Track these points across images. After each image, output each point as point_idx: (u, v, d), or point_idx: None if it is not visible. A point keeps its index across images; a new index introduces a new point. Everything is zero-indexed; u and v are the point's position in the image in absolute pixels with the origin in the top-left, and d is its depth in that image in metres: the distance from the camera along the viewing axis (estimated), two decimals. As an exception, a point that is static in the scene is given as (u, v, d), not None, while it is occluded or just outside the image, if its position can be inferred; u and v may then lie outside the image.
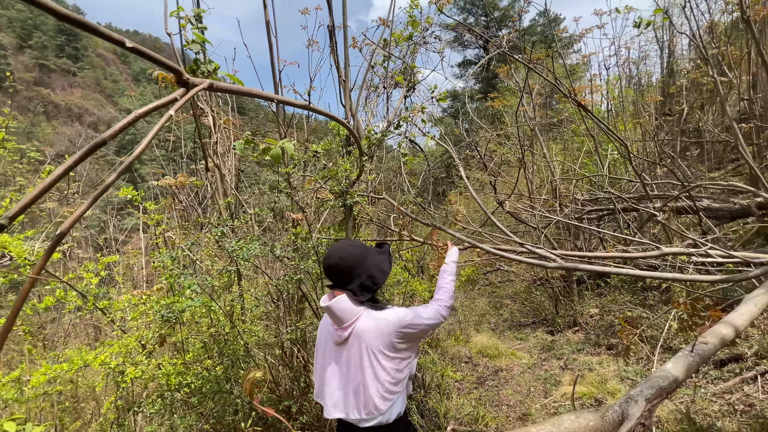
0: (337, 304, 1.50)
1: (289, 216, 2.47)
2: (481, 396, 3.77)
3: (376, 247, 1.70)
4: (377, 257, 1.60)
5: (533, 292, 6.92)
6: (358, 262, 1.55)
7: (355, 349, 1.49)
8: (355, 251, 1.57)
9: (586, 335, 5.38)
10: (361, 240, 2.67)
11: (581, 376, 4.02)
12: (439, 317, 1.60)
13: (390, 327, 1.47)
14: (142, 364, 2.30)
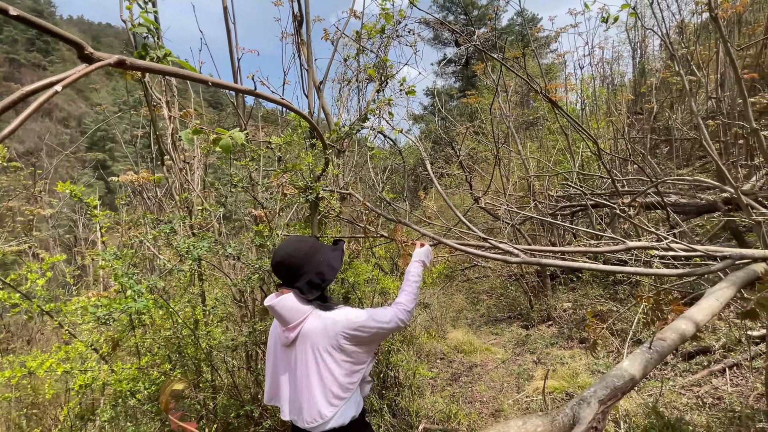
0: (281, 303, 1.41)
1: (250, 212, 2.36)
2: (454, 393, 3.75)
3: (332, 243, 1.62)
4: (328, 254, 1.52)
5: (509, 288, 6.98)
6: (307, 259, 1.47)
7: (302, 351, 1.41)
8: (303, 247, 1.49)
9: (560, 329, 5.45)
10: (320, 237, 2.58)
11: (553, 370, 4.05)
12: (396, 322, 1.52)
13: (337, 327, 1.40)
14: (92, 369, 2.16)
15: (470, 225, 1.94)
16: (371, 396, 3.15)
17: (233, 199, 2.36)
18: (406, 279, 1.70)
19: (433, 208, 2.32)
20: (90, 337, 2.33)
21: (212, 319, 2.45)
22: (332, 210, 2.34)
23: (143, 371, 2.25)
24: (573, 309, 5.83)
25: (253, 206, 2.31)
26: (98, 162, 43.14)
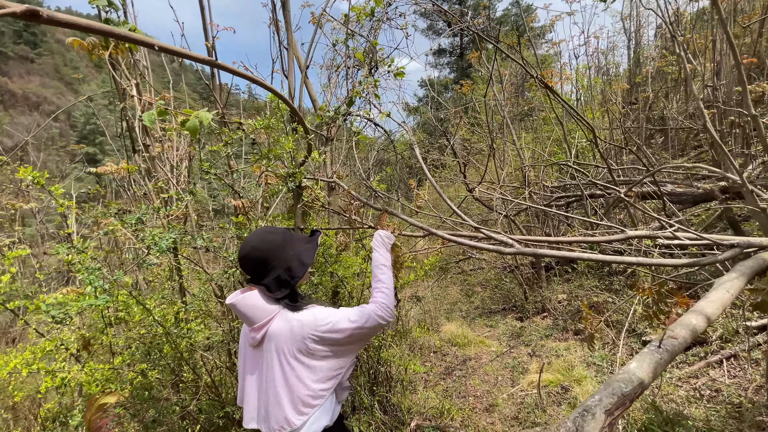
0: (244, 302, 1.28)
1: (229, 202, 2.23)
2: (448, 387, 3.66)
3: (307, 235, 1.49)
4: (300, 247, 1.39)
5: (503, 279, 6.91)
6: (275, 252, 1.33)
7: (268, 354, 1.29)
8: (273, 239, 1.35)
9: (554, 321, 5.38)
10: (304, 228, 2.44)
11: (548, 363, 3.97)
12: (375, 320, 1.38)
13: (304, 329, 1.27)
14: (61, 370, 2.03)
15: (463, 215, 1.82)
16: (360, 392, 3.05)
17: (223, 190, 2.21)
18: (376, 271, 1.57)
19: (425, 198, 2.20)
20: (59, 335, 2.20)
21: (192, 315, 2.32)
22: (317, 200, 2.21)
23: (117, 371, 2.12)
24: (568, 300, 5.76)
25: (231, 196, 2.17)
26: (87, 155, 42.37)
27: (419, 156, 2.02)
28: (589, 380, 3.43)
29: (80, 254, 1.58)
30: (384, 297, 1.46)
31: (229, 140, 1.92)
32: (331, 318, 1.29)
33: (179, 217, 2.36)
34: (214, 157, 2.37)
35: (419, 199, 2.26)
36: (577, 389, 3.28)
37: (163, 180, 2.09)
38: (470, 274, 7.93)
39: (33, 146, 13.38)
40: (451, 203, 1.91)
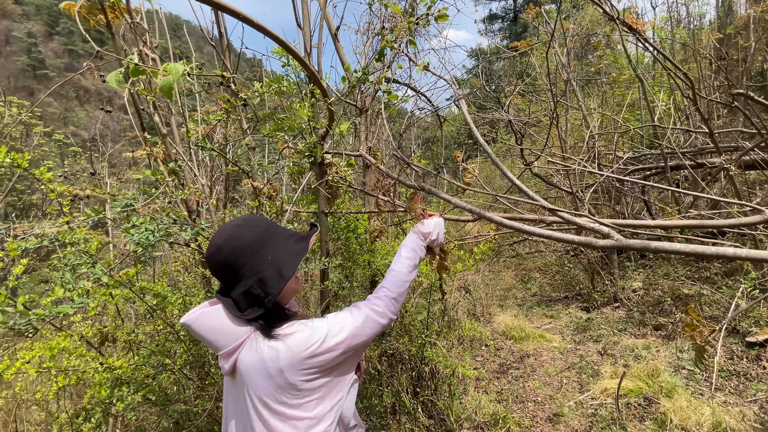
0: (200, 321, 0.93)
1: (248, 184, 1.92)
2: (503, 389, 3.22)
3: (303, 230, 1.10)
4: (283, 249, 1.00)
5: (566, 264, 6.21)
6: (244, 256, 0.96)
7: (241, 393, 0.95)
8: (243, 236, 0.97)
9: (628, 313, 4.68)
10: (329, 212, 2.08)
11: (625, 365, 3.38)
12: (374, 321, 1.04)
13: (281, 362, 0.90)
14: (73, 370, 1.89)
15: (529, 191, 1.35)
16: (402, 393, 2.71)
17: (228, 168, 1.92)
18: (396, 257, 1.22)
19: (475, 172, 1.74)
20: (79, 329, 2.07)
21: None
22: (342, 178, 1.84)
23: (132, 370, 1.95)
24: (645, 289, 4.99)
25: (246, 176, 1.86)
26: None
27: (467, 115, 1.56)
28: (680, 392, 2.82)
29: (65, 246, 1.35)
30: (388, 290, 1.12)
31: (230, 107, 1.58)
32: (314, 337, 0.93)
33: (198, 202, 2.11)
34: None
35: (467, 175, 1.80)
36: (665, 403, 2.70)
37: (176, 159, 1.82)
38: (526, 257, 7.26)
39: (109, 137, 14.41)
40: (512, 176, 1.44)
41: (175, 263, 3.19)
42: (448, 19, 1.89)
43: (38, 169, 1.43)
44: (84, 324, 2.14)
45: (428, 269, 2.46)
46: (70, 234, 1.47)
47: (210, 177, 2.30)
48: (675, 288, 4.49)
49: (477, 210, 1.26)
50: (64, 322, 2.10)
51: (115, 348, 2.17)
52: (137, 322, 2.64)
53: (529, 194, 1.34)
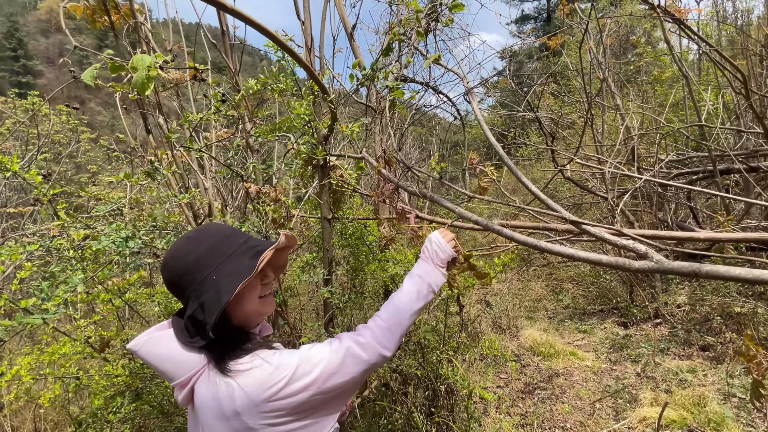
0: (148, 348, 0.80)
1: (247, 188, 1.83)
2: (527, 412, 2.97)
3: (266, 242, 0.93)
4: (231, 266, 0.83)
5: (601, 275, 5.79)
6: (189, 273, 0.82)
7: (197, 428, 0.81)
8: (192, 251, 0.83)
9: (672, 330, 4.28)
10: (332, 217, 1.94)
11: (667, 391, 3.04)
12: (359, 358, 0.87)
13: (237, 403, 0.75)
14: (73, 377, 1.85)
15: (549, 200, 1.15)
16: (415, 412, 2.53)
17: (220, 171, 1.84)
18: (403, 285, 1.05)
19: (493, 176, 1.55)
20: (82, 333, 2.04)
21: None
22: (345, 182, 1.70)
23: (131, 378, 1.88)
24: (691, 305, 4.55)
25: (240, 179, 1.76)
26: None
27: (477, 112, 1.38)
28: (730, 425, 2.48)
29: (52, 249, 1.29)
30: (381, 319, 0.95)
31: (218, 104, 1.49)
32: (277, 375, 0.77)
33: (208, 206, 2.04)
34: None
35: (483, 179, 1.61)
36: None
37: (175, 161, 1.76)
38: (558, 266, 6.87)
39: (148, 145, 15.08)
40: (528, 181, 1.25)
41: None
42: (463, 8, 1.72)
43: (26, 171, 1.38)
44: (89, 329, 2.11)
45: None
46: (57, 240, 1.42)
47: (215, 180, 2.23)
48: (725, 305, 4.06)
49: (485, 222, 1.08)
50: (68, 326, 2.07)
51: (116, 353, 2.13)
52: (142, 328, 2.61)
53: (548, 203, 1.14)
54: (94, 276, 1.43)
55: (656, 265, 0.72)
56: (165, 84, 1.81)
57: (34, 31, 70.63)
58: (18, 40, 59.25)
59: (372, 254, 2.23)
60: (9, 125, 7.75)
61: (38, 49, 68.25)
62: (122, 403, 1.71)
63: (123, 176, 1.52)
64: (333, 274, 1.87)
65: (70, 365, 1.82)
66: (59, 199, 1.69)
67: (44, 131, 7.54)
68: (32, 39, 67.28)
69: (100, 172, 10.08)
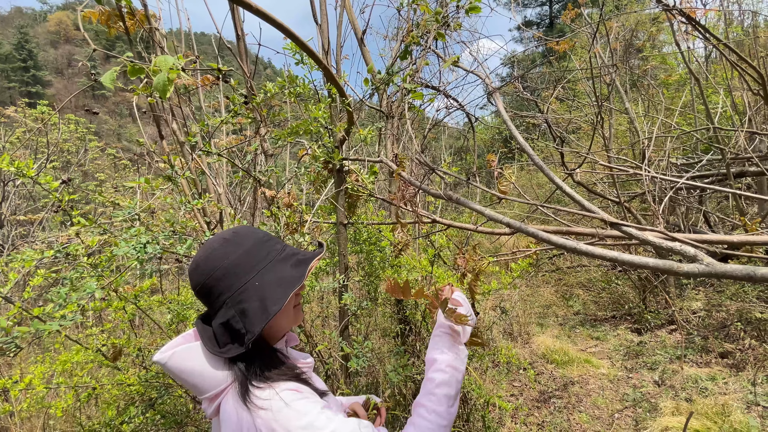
0: (175, 362, 0.75)
1: (263, 192, 1.80)
2: (544, 422, 2.90)
3: (304, 251, 0.88)
4: (274, 273, 0.79)
5: (613, 280, 5.71)
6: (227, 278, 0.77)
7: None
8: (231, 253, 0.79)
9: (688, 337, 4.18)
10: (347, 223, 1.91)
11: (688, 399, 2.96)
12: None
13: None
14: (86, 386, 1.82)
15: (581, 198, 1.11)
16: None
17: (236, 176, 1.82)
18: (424, 385, 0.92)
19: (512, 179, 1.52)
20: (95, 342, 2.01)
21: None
22: (362, 186, 1.67)
23: (144, 387, 1.85)
24: (707, 310, 4.46)
25: (258, 184, 1.74)
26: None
27: (502, 110, 1.35)
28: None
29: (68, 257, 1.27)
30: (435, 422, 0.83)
31: (239, 108, 1.47)
32: (287, 422, 0.69)
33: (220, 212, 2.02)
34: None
35: (502, 182, 1.58)
36: (742, 449, 2.29)
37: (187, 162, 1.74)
38: (567, 272, 6.79)
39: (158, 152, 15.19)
40: (559, 180, 1.21)
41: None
42: (480, 11, 1.70)
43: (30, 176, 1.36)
44: (100, 337, 2.08)
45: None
46: (73, 245, 1.40)
47: (227, 186, 2.22)
48: (744, 310, 3.97)
49: (516, 223, 1.05)
50: (79, 335, 2.04)
51: (127, 361, 2.10)
52: (162, 336, 2.58)
53: (583, 204, 1.10)
54: (111, 283, 1.41)
55: (707, 269, 0.68)
56: (179, 90, 1.80)
57: (44, 42, 72.00)
58: (28, 51, 60.35)
59: (386, 260, 2.19)
60: (19, 134, 7.83)
61: (47, 59, 69.51)
62: (135, 414, 1.68)
63: (144, 181, 1.50)
64: (349, 280, 1.84)
65: (82, 374, 1.79)
66: (74, 206, 1.68)
67: (53, 140, 7.62)
68: (42, 50, 68.54)
69: (108, 180, 10.14)
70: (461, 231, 5.74)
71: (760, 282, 0.72)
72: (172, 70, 0.99)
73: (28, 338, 1.18)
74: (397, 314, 2.62)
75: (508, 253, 1.81)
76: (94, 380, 1.82)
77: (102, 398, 1.80)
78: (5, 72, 57.17)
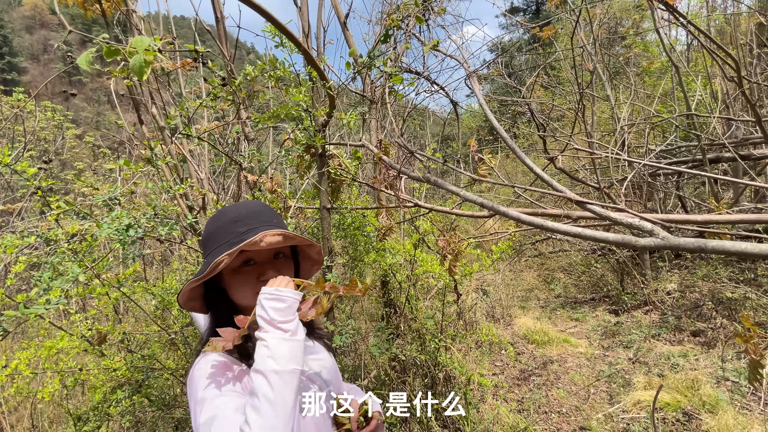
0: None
1: (245, 177, 1.81)
2: (524, 398, 3.01)
3: (309, 229, 0.93)
4: (212, 257, 0.82)
5: (592, 264, 5.88)
6: (202, 244, 0.90)
7: None
8: (209, 227, 0.90)
9: (662, 317, 4.36)
10: (331, 207, 1.93)
11: (660, 375, 3.11)
12: None
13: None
14: (71, 371, 1.83)
15: (553, 181, 1.16)
16: (413, 398, 2.55)
17: (219, 159, 1.82)
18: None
19: (492, 164, 1.56)
20: (78, 328, 2.01)
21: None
22: (343, 170, 1.69)
23: (129, 372, 1.87)
24: (681, 291, 4.65)
25: (239, 168, 1.74)
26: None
27: (479, 95, 1.38)
28: (725, 407, 2.55)
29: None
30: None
31: (216, 90, 1.46)
32: (193, 393, 0.74)
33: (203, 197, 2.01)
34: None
35: (482, 167, 1.62)
36: (708, 420, 2.43)
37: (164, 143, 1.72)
38: (549, 256, 6.95)
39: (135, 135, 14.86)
40: (533, 163, 1.26)
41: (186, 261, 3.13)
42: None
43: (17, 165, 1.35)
44: (84, 324, 2.08)
45: (441, 270, 2.29)
46: (53, 231, 1.39)
47: (210, 171, 2.21)
48: (716, 290, 4.15)
49: (491, 204, 1.09)
50: (64, 322, 2.04)
51: (112, 348, 2.11)
52: (146, 322, 2.58)
53: (553, 185, 1.15)
54: (93, 267, 1.41)
55: (662, 242, 0.73)
56: (156, 72, 1.77)
57: (19, 27, 68.75)
58: (3, 37, 57.61)
59: (370, 244, 2.23)
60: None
61: (23, 45, 66.52)
62: (122, 397, 1.70)
63: (123, 163, 1.49)
64: (333, 263, 1.87)
65: (68, 360, 1.80)
66: (53, 192, 1.66)
67: (30, 128, 7.39)
68: (17, 35, 65.52)
69: (86, 169, 9.89)
70: (446, 217, 5.82)
71: (710, 253, 0.78)
72: (149, 51, 0.99)
73: (13, 323, 1.19)
74: (382, 297, 2.67)
75: (488, 234, 1.86)
76: (80, 365, 1.82)
77: (89, 383, 1.82)
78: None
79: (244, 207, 0.90)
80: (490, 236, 1.97)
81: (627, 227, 0.83)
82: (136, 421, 1.92)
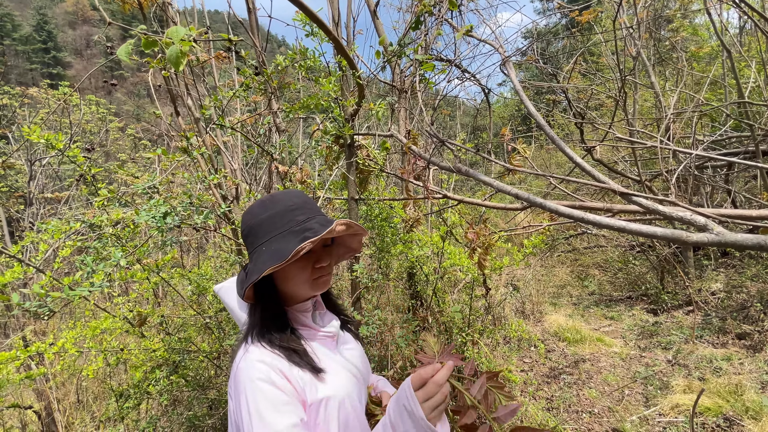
0: (223, 295, 0.95)
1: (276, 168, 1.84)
2: (553, 396, 2.94)
3: (320, 227, 0.84)
4: (278, 244, 0.80)
5: (630, 261, 5.63)
6: (251, 234, 0.86)
7: None
8: (258, 214, 0.85)
9: (705, 318, 4.13)
10: (359, 198, 1.92)
11: (701, 378, 2.95)
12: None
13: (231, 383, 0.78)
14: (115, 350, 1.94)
15: (595, 171, 1.10)
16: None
17: (251, 150, 1.85)
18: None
19: (526, 154, 1.51)
20: (120, 310, 2.12)
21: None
22: (372, 161, 1.68)
23: (167, 353, 1.96)
24: (726, 292, 4.37)
25: (271, 158, 1.76)
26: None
27: (515, 81, 1.32)
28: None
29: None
30: None
31: (248, 80, 1.48)
32: (240, 399, 0.71)
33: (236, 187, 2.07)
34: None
35: (515, 157, 1.56)
36: (751, 426, 2.29)
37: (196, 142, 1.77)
38: (584, 252, 6.71)
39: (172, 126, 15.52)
40: (573, 153, 1.20)
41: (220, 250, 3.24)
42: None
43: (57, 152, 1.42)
44: (126, 306, 2.19)
45: (469, 263, 2.25)
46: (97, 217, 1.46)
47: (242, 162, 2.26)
48: (766, 291, 3.88)
49: (527, 195, 1.05)
50: (107, 304, 2.16)
51: (152, 330, 2.21)
52: (183, 306, 2.70)
53: (595, 175, 1.09)
54: (134, 253, 1.48)
55: (717, 238, 0.67)
56: (192, 63, 1.81)
57: (62, 23, 72.58)
58: (48, 32, 61.04)
59: (397, 236, 2.22)
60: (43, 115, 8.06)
61: (66, 40, 70.22)
62: (160, 376, 1.78)
63: (160, 152, 1.54)
64: (360, 254, 1.87)
65: (111, 339, 1.90)
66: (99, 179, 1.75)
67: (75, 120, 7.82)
68: (60, 31, 69.20)
69: (127, 161, 10.39)
70: (475, 209, 5.70)
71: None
72: (185, 42, 1.01)
73: (59, 304, 1.26)
74: (408, 290, 2.66)
75: (519, 227, 1.81)
76: (122, 345, 1.93)
77: (130, 363, 1.92)
78: (26, 53, 58.17)
79: (294, 196, 0.89)
80: (521, 230, 1.91)
81: (677, 221, 0.77)
82: (174, 399, 2.02)
